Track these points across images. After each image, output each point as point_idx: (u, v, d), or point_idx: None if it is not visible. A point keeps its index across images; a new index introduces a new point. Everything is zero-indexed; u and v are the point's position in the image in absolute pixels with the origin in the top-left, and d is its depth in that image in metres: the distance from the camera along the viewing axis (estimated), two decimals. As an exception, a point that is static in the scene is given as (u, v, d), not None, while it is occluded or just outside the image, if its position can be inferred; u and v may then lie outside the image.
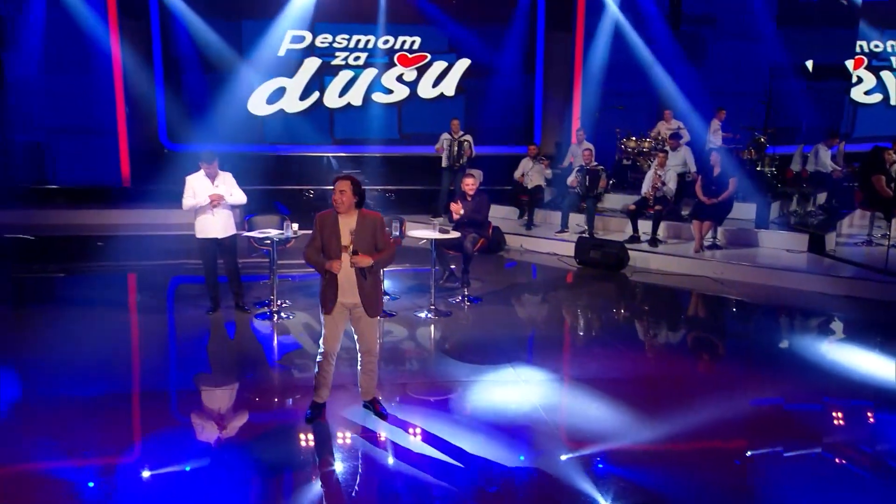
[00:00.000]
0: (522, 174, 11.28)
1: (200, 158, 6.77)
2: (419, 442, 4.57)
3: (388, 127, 13.53)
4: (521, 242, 10.53)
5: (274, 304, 7.15)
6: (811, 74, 13.93)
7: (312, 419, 4.76)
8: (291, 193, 12.18)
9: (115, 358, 6.06)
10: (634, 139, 11.79)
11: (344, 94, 13.31)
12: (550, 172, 11.52)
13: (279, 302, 7.24)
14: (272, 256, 7.11)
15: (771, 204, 10.35)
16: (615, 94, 12.99)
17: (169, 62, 12.72)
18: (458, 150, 11.14)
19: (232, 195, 6.80)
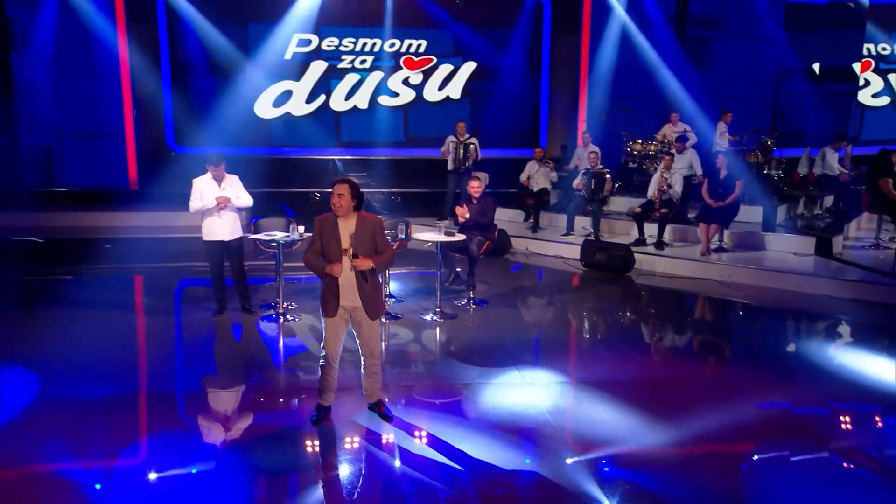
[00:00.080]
0: (528, 177, 11.28)
1: (207, 161, 6.79)
2: (424, 444, 4.58)
3: (394, 130, 13.55)
4: (526, 245, 10.52)
5: (280, 306, 7.17)
6: (818, 77, 13.89)
7: (318, 421, 4.77)
8: (297, 196, 12.21)
9: (122, 360, 6.09)
10: (640, 142, 11.78)
11: (350, 97, 13.35)
12: (556, 175, 11.52)
13: (285, 304, 7.26)
14: (278, 259, 7.14)
15: (778, 207, 10.31)
16: (621, 96, 12.99)
17: (176, 65, 12.79)
18: (463, 152, 11.15)
19: (238, 198, 6.82)
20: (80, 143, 12.74)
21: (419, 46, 13.36)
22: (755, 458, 4.58)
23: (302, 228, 7.04)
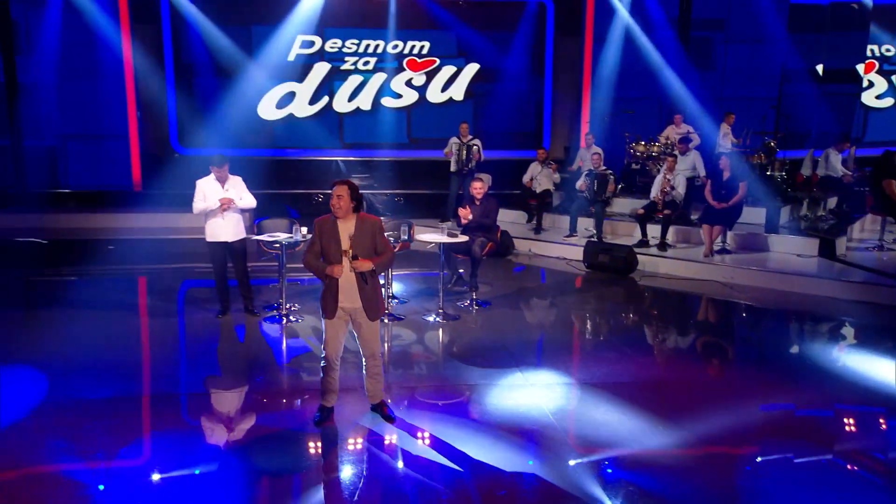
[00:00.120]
0: (531, 178, 11.28)
1: (211, 162, 6.81)
2: (427, 445, 4.58)
3: (397, 131, 13.57)
4: (529, 247, 10.52)
5: (283, 307, 7.18)
6: (822, 78, 13.87)
7: (320, 422, 4.78)
8: (300, 197, 12.23)
9: (125, 360, 6.10)
10: (643, 143, 11.77)
11: (353, 98, 13.37)
12: (559, 177, 11.51)
13: (288, 305, 7.27)
14: (281, 260, 7.15)
15: (781, 208, 10.29)
16: (624, 98, 12.99)
17: (180, 67, 12.82)
18: (466, 154, 11.15)
19: (242, 199, 6.84)
20: (83, 144, 12.78)
21: (422, 48, 13.37)
22: (759, 460, 4.57)
23: (305, 230, 7.04)
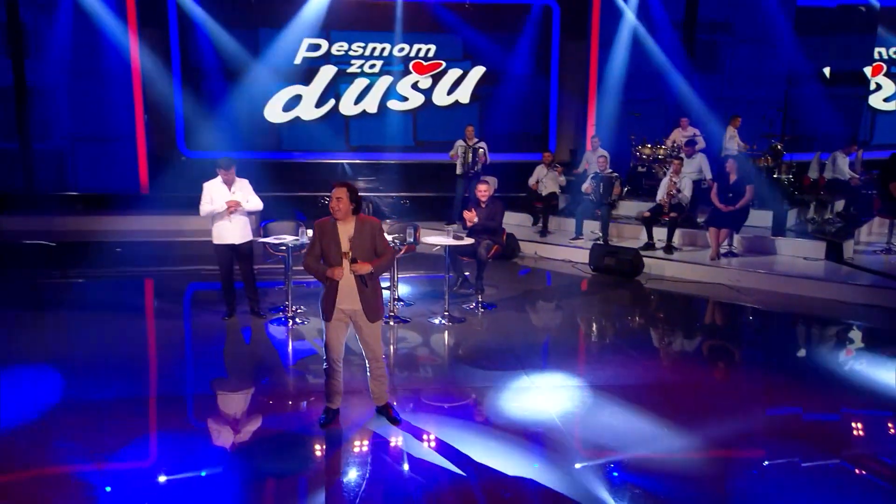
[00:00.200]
0: (537, 181, 11.29)
1: (218, 165, 6.83)
2: (432, 448, 4.58)
3: (403, 134, 13.58)
4: (535, 249, 10.52)
5: (289, 309, 7.20)
6: (829, 81, 13.83)
7: (326, 424, 4.79)
8: (307, 200, 12.24)
9: (132, 362, 6.13)
10: (650, 146, 11.76)
11: (359, 101, 13.39)
12: (565, 179, 11.51)
13: (294, 307, 7.28)
14: (287, 262, 7.17)
15: (788, 211, 10.27)
16: (630, 100, 12.97)
17: (187, 70, 12.87)
18: (472, 157, 11.16)
19: (248, 201, 6.86)
20: (91, 146, 12.83)
21: (428, 51, 13.39)
22: (765, 464, 4.55)
23: (311, 232, 7.05)
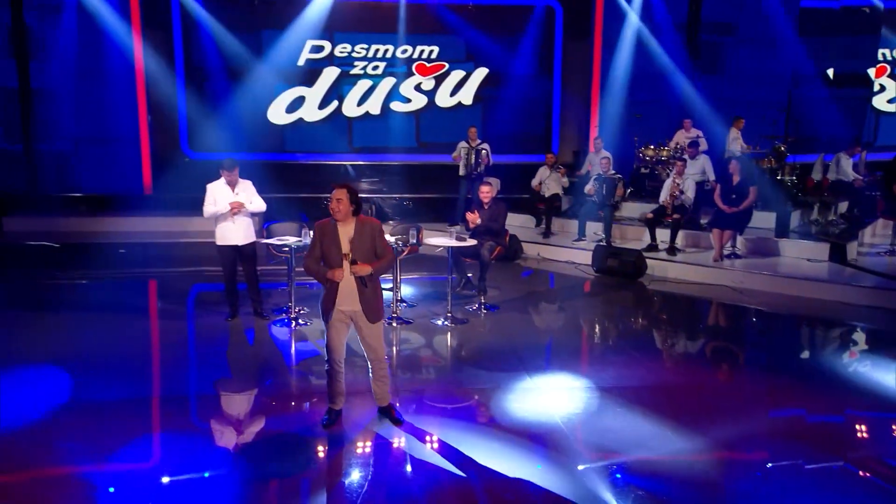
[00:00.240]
0: (540, 183, 11.29)
1: (221, 166, 6.84)
2: (435, 449, 4.58)
3: (406, 135, 13.60)
4: (538, 251, 10.52)
5: (292, 310, 7.21)
6: (832, 82, 13.80)
7: (329, 425, 4.79)
8: (309, 201, 12.26)
9: (135, 363, 6.15)
10: (653, 147, 11.76)
11: (362, 102, 13.41)
12: (568, 181, 11.51)
13: (297, 308, 7.29)
14: (290, 263, 7.18)
15: (791, 213, 10.25)
16: (633, 102, 12.97)
17: (191, 71, 12.91)
18: (475, 158, 11.15)
19: (252, 203, 6.87)
20: (95, 148, 12.87)
21: (431, 52, 13.41)
22: (769, 465, 4.54)
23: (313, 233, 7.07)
